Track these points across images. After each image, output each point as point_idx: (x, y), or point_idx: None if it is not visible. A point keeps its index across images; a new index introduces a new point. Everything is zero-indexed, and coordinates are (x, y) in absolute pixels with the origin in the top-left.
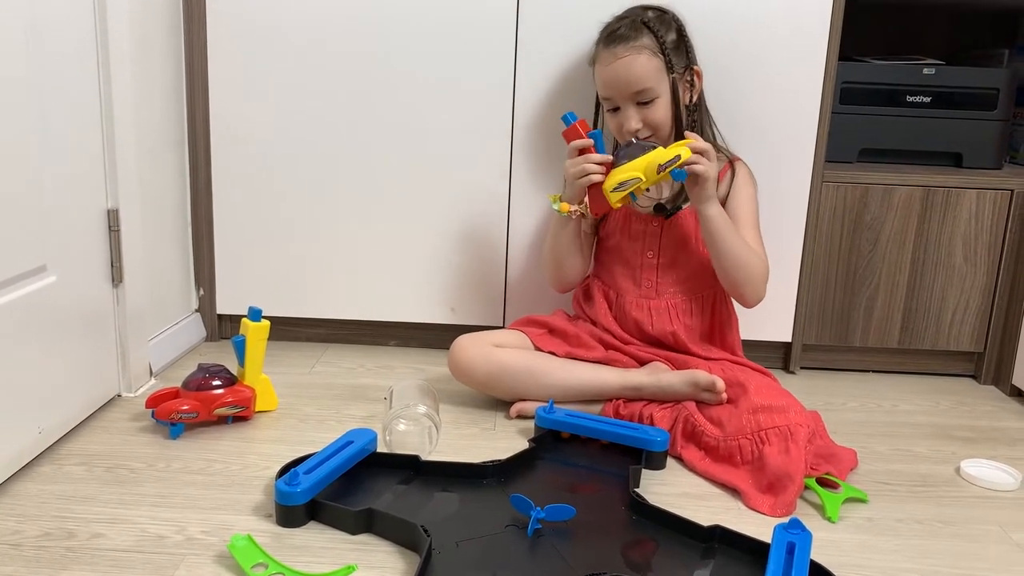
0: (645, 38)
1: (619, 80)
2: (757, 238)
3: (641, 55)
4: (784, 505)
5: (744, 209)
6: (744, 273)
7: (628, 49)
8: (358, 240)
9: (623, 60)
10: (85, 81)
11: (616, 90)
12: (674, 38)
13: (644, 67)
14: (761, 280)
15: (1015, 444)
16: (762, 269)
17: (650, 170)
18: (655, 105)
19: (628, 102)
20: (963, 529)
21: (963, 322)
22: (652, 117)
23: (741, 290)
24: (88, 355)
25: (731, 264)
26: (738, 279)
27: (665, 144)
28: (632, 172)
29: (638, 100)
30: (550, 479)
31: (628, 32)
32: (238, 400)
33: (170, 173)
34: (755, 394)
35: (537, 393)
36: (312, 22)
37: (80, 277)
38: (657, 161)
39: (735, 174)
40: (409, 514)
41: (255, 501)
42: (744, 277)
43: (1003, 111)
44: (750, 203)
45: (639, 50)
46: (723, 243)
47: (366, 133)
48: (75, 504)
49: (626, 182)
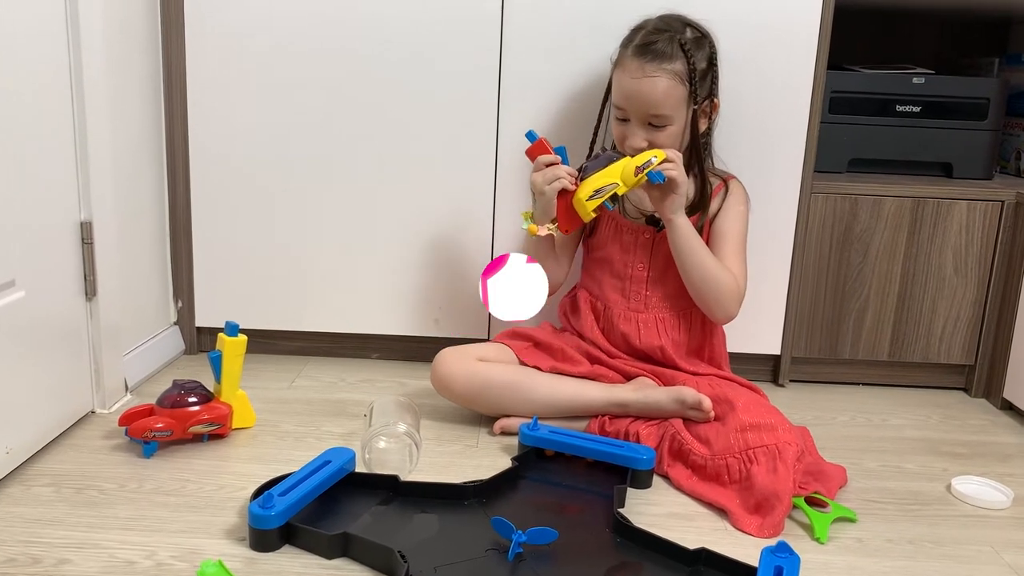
0: (678, 63)
1: (640, 98)
2: (739, 256)
3: (669, 80)
4: (772, 526)
5: (732, 226)
6: (712, 288)
7: (658, 70)
8: (340, 251)
9: (650, 80)
10: (56, 89)
11: (633, 105)
12: (704, 67)
13: (668, 93)
14: (730, 298)
15: (1007, 460)
16: (732, 287)
17: (627, 173)
18: (666, 131)
19: (640, 120)
20: (954, 550)
21: (954, 334)
22: (660, 141)
23: (708, 306)
24: (60, 371)
25: (698, 277)
26: (705, 294)
27: None
28: (608, 178)
29: (651, 122)
30: (533, 499)
31: (664, 49)
32: (214, 417)
33: (147, 183)
34: (743, 412)
35: (521, 409)
36: (293, 31)
37: (50, 291)
38: (634, 164)
39: (728, 192)
40: (386, 538)
41: (229, 523)
42: (712, 293)
43: (993, 121)
44: (738, 221)
45: (669, 75)
46: (690, 255)
47: (348, 143)
48: (42, 528)
49: (602, 188)
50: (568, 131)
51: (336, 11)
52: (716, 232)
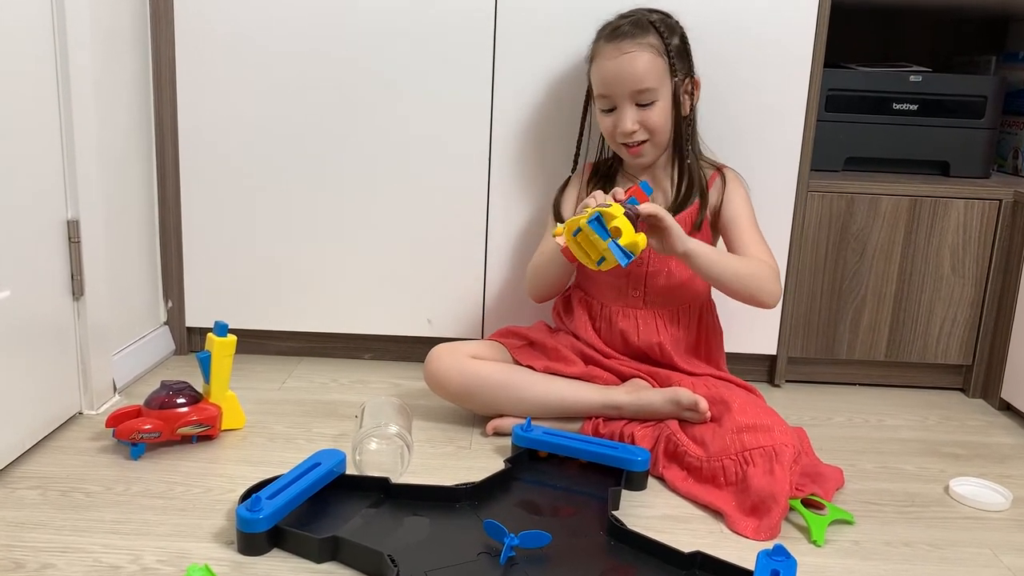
0: (651, 37)
1: (622, 76)
2: (757, 236)
3: (646, 53)
4: (768, 528)
5: (741, 212)
6: (750, 285)
7: (633, 45)
8: (331, 250)
9: (628, 56)
10: (42, 86)
11: (616, 87)
12: (678, 43)
13: (648, 65)
14: (772, 281)
15: (1005, 461)
16: (767, 272)
17: (607, 215)
18: (654, 108)
19: (627, 101)
20: (952, 552)
21: (951, 334)
22: (650, 120)
23: (754, 299)
24: (46, 372)
25: (735, 284)
26: (745, 292)
27: (661, 151)
28: (582, 219)
29: (638, 101)
30: (526, 502)
31: (633, 29)
32: (203, 418)
33: (136, 182)
34: (739, 413)
35: (513, 408)
36: (282, 28)
37: (37, 291)
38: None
39: (725, 181)
40: (377, 541)
41: (216, 527)
42: (752, 288)
43: (991, 119)
44: (745, 205)
45: (645, 47)
46: (719, 273)
47: (339, 142)
48: (26, 532)
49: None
50: (564, 130)
51: (329, 9)
52: (727, 221)
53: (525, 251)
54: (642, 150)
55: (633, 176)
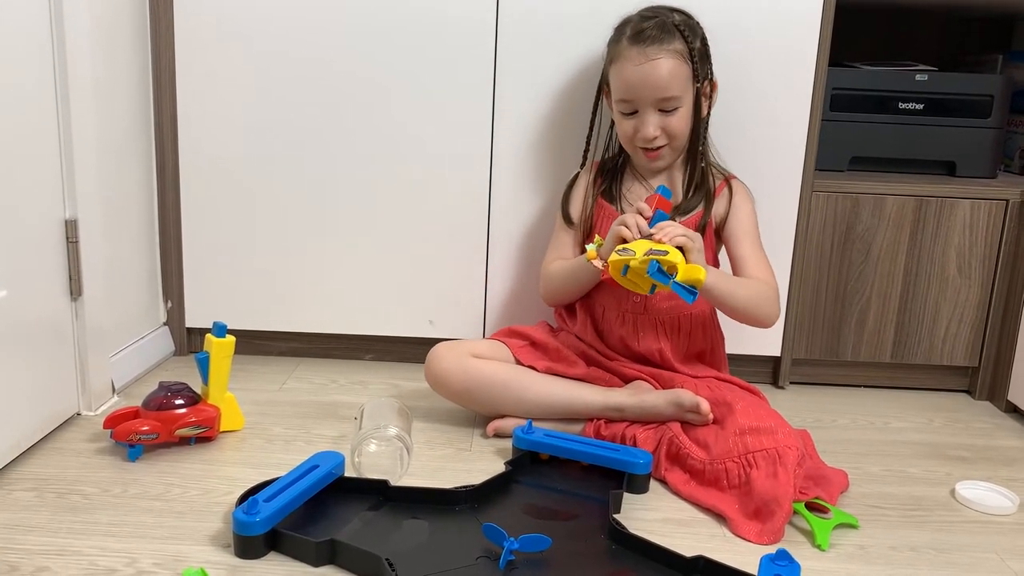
0: (677, 42)
1: (648, 83)
2: (761, 255)
3: (672, 59)
4: (772, 532)
5: (745, 225)
6: (754, 308)
7: (661, 51)
8: (332, 250)
9: (655, 62)
10: (40, 85)
11: (641, 93)
12: (700, 46)
13: (674, 73)
14: (772, 303)
15: (1012, 464)
16: (769, 293)
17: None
18: (676, 114)
19: (651, 107)
20: (959, 557)
21: (957, 336)
22: (673, 126)
23: (755, 321)
24: (44, 372)
25: (742, 310)
26: (750, 316)
27: (678, 155)
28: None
29: (661, 107)
30: (526, 505)
31: (659, 33)
32: (201, 420)
33: (136, 182)
34: (742, 415)
35: (514, 408)
36: (282, 30)
37: (34, 291)
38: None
39: (732, 192)
40: (375, 544)
41: (213, 529)
42: (756, 312)
43: (997, 118)
44: (750, 219)
45: (672, 54)
46: (730, 302)
47: (340, 142)
48: (21, 534)
49: (624, 250)
50: (565, 129)
51: (329, 10)
52: (731, 234)
53: (527, 252)
54: (660, 154)
55: (641, 174)
